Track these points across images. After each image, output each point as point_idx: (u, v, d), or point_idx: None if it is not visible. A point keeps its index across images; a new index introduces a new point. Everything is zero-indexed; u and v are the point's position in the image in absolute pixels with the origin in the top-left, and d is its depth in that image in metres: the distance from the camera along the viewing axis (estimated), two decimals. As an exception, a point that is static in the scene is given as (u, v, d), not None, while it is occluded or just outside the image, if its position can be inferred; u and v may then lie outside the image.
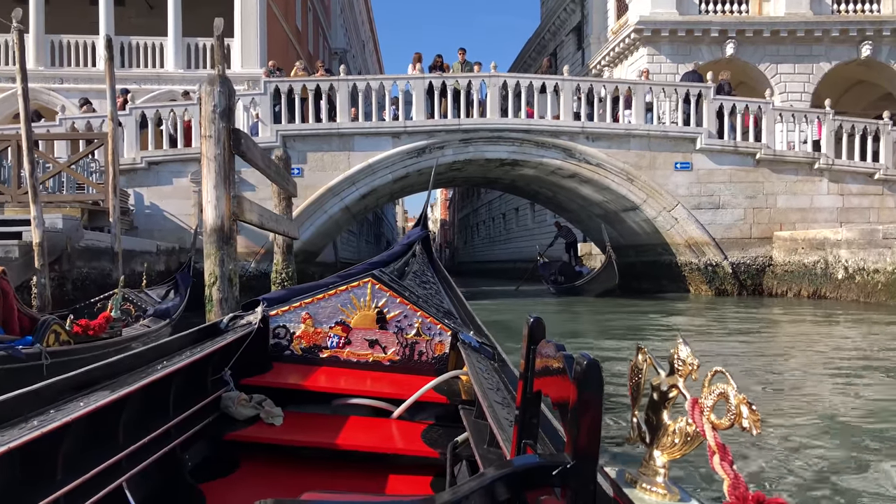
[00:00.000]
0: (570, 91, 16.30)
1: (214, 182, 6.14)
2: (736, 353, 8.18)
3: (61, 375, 1.94)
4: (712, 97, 16.39)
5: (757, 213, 16.48)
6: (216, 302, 6.19)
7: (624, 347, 8.30)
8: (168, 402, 2.37)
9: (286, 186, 8.95)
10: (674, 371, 1.11)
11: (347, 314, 3.16)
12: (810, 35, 22.10)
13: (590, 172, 16.36)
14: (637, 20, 22.07)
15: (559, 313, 14.09)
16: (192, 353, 2.54)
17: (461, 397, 2.70)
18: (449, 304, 3.94)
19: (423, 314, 3.16)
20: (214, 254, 6.19)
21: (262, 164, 7.06)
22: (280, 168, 8.59)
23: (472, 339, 2.89)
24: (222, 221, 6.15)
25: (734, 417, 0.97)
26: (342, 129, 15.80)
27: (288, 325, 3.15)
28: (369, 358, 3.15)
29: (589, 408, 1.10)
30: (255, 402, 2.70)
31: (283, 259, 9.80)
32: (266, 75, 16.22)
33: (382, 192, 17.58)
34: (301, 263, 17.31)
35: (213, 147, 6.14)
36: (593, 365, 1.09)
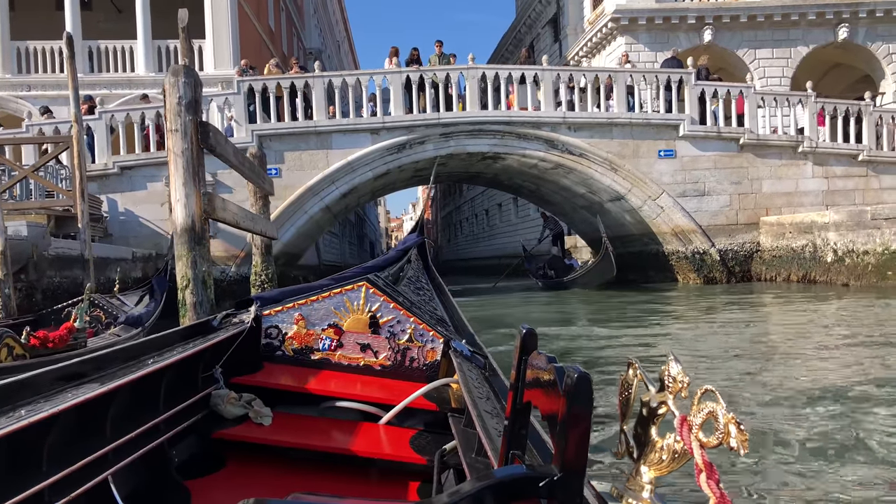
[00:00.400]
0: (550, 81, 15.99)
1: (183, 179, 5.75)
2: (730, 345, 7.91)
3: (51, 366, 1.92)
4: (693, 83, 16.16)
5: (743, 198, 16.26)
6: (190, 306, 5.81)
7: (611, 349, 7.97)
8: (157, 398, 2.35)
9: (262, 184, 8.56)
10: (664, 388, 1.10)
11: (340, 317, 3.13)
12: (787, 19, 21.97)
13: (573, 163, 16.07)
14: (614, 9, 21.83)
15: (546, 307, 13.81)
16: (184, 350, 2.53)
17: (451, 405, 2.68)
18: (442, 311, 3.91)
19: (416, 320, 3.13)
20: (186, 255, 5.80)
21: (234, 159, 6.68)
22: (255, 165, 8.20)
23: (464, 348, 2.86)
24: (193, 220, 5.77)
25: (722, 436, 0.97)
26: (319, 126, 15.40)
27: (280, 326, 3.13)
28: (360, 362, 3.12)
29: (578, 421, 1.10)
30: (244, 402, 2.69)
31: (263, 261, 9.42)
32: (239, 74, 15.78)
33: (363, 191, 17.20)
34: (282, 266, 16.90)
35: (179, 141, 5.75)
36: (584, 378, 1.09)
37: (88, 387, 1.92)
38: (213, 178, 15.19)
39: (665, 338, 8.77)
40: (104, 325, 8.15)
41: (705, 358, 6.84)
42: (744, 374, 6.00)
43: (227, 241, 15.19)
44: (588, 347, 7.92)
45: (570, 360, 6.68)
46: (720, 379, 5.72)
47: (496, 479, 1.19)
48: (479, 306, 12.97)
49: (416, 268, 4.55)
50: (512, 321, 10.66)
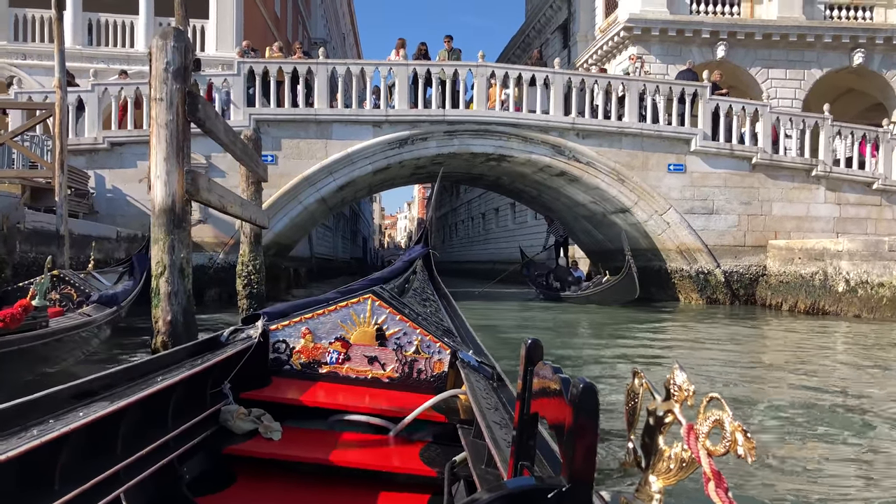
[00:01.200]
0: (560, 85, 15.38)
1: (165, 153, 5.10)
2: (736, 373, 7.30)
3: (62, 385, 1.94)
4: (708, 97, 15.58)
5: (751, 220, 15.69)
6: (164, 296, 5.15)
7: (613, 362, 7.38)
8: (167, 415, 2.34)
9: (255, 168, 7.90)
10: (670, 396, 1.09)
11: (347, 330, 3.12)
12: (803, 40, 21.43)
13: (579, 171, 15.46)
14: (627, 17, 21.25)
15: (539, 323, 13.20)
16: (192, 366, 2.52)
17: (459, 416, 2.67)
18: (448, 321, 3.89)
19: (422, 332, 3.11)
20: (163, 239, 5.15)
21: (225, 137, 6.02)
22: (248, 147, 7.54)
23: (472, 358, 2.86)
24: (173, 200, 5.11)
25: (729, 444, 0.96)
26: (320, 115, 14.73)
27: (288, 340, 3.11)
28: (368, 374, 3.11)
29: (585, 431, 1.11)
30: (253, 416, 2.68)
31: (251, 250, 8.74)
32: (240, 55, 15.09)
33: (361, 185, 16.53)
34: (273, 257, 16.22)
35: (164, 112, 5.09)
36: (589, 388, 1.10)
37: (99, 405, 1.92)
38: (207, 160, 14.51)
39: (666, 359, 8.25)
40: (76, 304, 7.48)
41: (706, 381, 6.31)
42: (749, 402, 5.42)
43: (216, 227, 14.51)
44: (584, 363, 7.31)
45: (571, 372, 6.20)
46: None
47: (506, 491, 1.22)
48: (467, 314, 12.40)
49: (421, 279, 4.55)
50: (508, 336, 10.04)
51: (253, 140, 8.53)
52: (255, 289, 8.67)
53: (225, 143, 6.06)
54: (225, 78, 14.72)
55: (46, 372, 5.50)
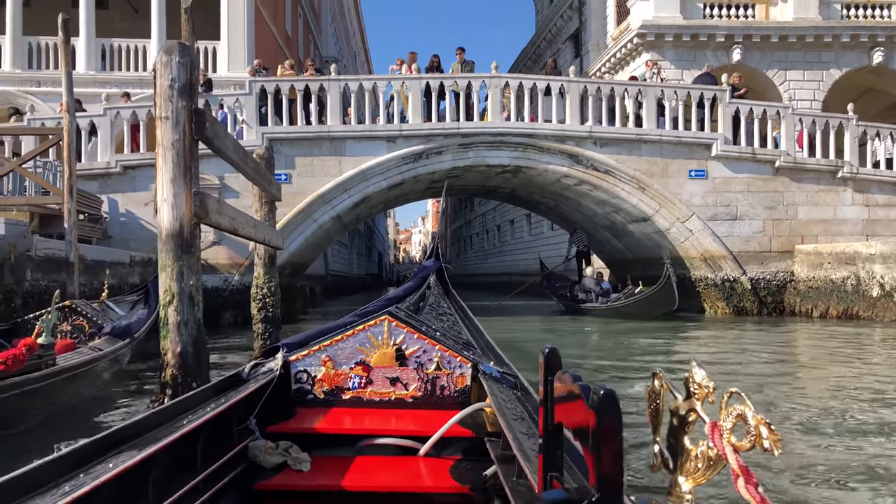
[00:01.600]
0: (576, 93, 15.03)
1: (172, 175, 4.79)
2: (772, 388, 6.87)
3: (90, 438, 1.95)
4: (728, 100, 15.18)
5: (777, 224, 15.23)
6: (173, 326, 4.83)
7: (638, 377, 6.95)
8: (196, 456, 2.33)
9: (268, 188, 7.59)
10: (690, 395, 1.09)
11: (367, 353, 3.11)
12: (820, 41, 20.99)
13: (598, 180, 15.08)
14: (640, 24, 20.91)
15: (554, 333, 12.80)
16: (217, 405, 2.51)
17: (486, 429, 2.66)
18: (467, 334, 3.83)
19: (441, 348, 3.09)
20: (171, 265, 4.83)
21: (235, 156, 5.71)
22: (260, 166, 7.23)
23: (493, 370, 2.84)
24: (181, 224, 4.80)
25: (754, 438, 0.95)
26: (333, 132, 14.47)
27: (309, 370, 3.11)
28: (391, 396, 3.10)
29: (610, 438, 1.10)
30: (281, 450, 2.67)
31: (265, 272, 8.42)
32: (251, 74, 14.89)
33: (376, 200, 16.24)
34: (288, 276, 15.94)
35: (169, 131, 4.79)
36: (610, 395, 1.10)
37: (127, 454, 1.91)
38: (220, 181, 14.29)
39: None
40: (87, 336, 7.17)
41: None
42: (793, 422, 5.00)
43: (231, 248, 14.25)
44: (609, 378, 6.92)
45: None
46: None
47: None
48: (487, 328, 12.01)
49: (436, 293, 4.52)
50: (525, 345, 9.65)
51: (266, 158, 8.24)
52: (271, 312, 8.34)
53: (235, 162, 5.75)
54: (237, 98, 14.50)
55: (57, 410, 5.20)
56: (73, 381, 5.50)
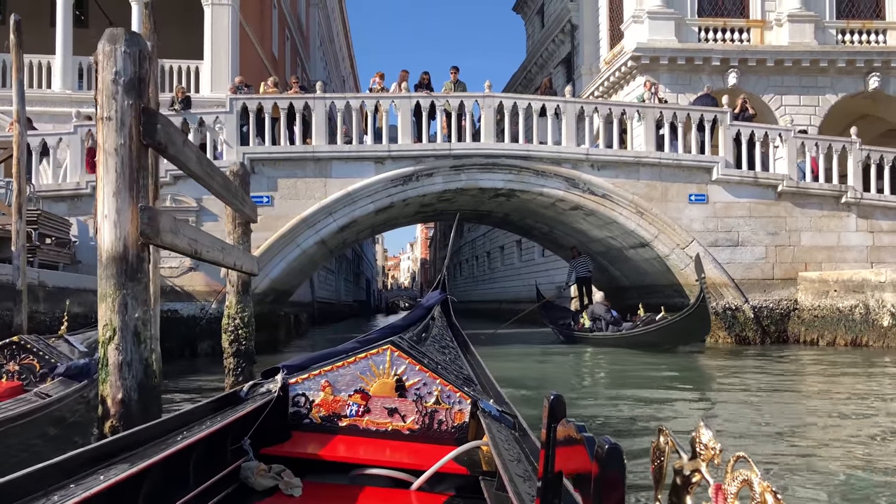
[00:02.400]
0: (572, 114, 14.40)
1: (115, 187, 4.01)
2: (781, 426, 6.11)
3: (83, 447, 1.93)
4: (729, 123, 14.58)
5: (780, 251, 14.56)
6: (113, 367, 4.01)
7: (638, 415, 6.21)
8: (188, 474, 2.29)
9: (241, 207, 6.80)
10: (696, 455, 1.07)
11: (367, 382, 3.05)
12: (816, 65, 20.54)
13: (595, 204, 14.39)
14: (634, 47, 20.40)
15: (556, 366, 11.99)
16: (212, 423, 2.48)
17: (482, 468, 2.59)
18: (469, 369, 3.78)
19: (442, 381, 3.02)
20: (112, 294, 4.03)
21: (197, 168, 4.92)
22: (231, 183, 6.45)
23: (493, 408, 2.76)
24: (125, 246, 4.00)
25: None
26: (318, 152, 13.73)
27: (307, 393, 3.05)
28: (388, 426, 3.01)
29: (611, 492, 1.08)
30: (273, 473, 2.61)
31: (238, 301, 7.58)
32: (232, 91, 14.15)
33: (363, 225, 15.46)
34: (270, 304, 15.10)
35: (113, 134, 4.01)
36: (615, 450, 1.09)
37: (118, 468, 1.90)
38: (198, 203, 13.48)
39: (699, 408, 7.18)
40: (38, 377, 6.24)
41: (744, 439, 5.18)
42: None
43: (209, 275, 13.43)
44: (607, 417, 6.13)
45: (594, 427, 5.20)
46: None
47: None
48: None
49: (440, 325, 4.45)
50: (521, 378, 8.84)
51: (240, 176, 7.46)
52: (244, 345, 7.49)
53: (198, 175, 4.96)
54: (216, 116, 13.75)
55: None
56: (10, 437, 4.63)
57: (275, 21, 26.30)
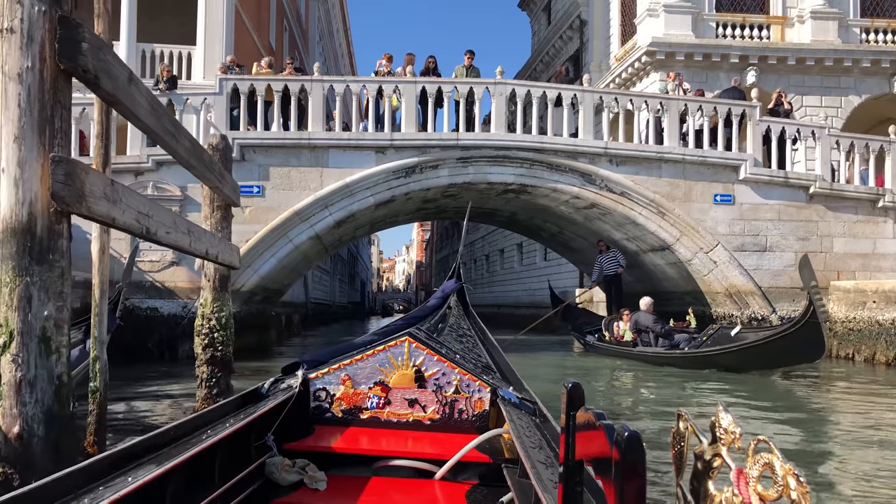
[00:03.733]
0: (590, 104, 13.20)
1: (17, 128, 2.77)
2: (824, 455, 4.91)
3: (108, 451, 1.95)
4: (758, 118, 13.39)
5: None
6: (9, 387, 2.77)
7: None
8: (213, 472, 2.29)
9: (217, 185, 5.56)
10: (716, 439, 1.06)
11: (386, 374, 3.07)
12: (839, 65, 19.38)
13: (612, 202, 13.18)
14: (649, 41, 19.21)
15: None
16: (236, 421, 2.46)
17: (504, 455, 2.58)
18: (487, 357, 3.80)
19: (461, 371, 3.02)
20: (10, 282, 2.79)
21: (151, 119, 3.67)
22: (205, 153, 5.19)
23: (513, 395, 2.77)
24: (29, 213, 2.77)
25: (781, 489, 0.90)
26: (314, 139, 12.48)
27: (328, 388, 3.06)
28: (409, 417, 3.02)
29: (632, 479, 1.07)
30: (298, 467, 2.62)
31: (214, 298, 6.33)
32: (223, 72, 12.89)
33: (362, 220, 14.21)
34: (260, 303, 13.84)
35: (17, 53, 2.78)
36: (634, 437, 1.07)
37: (146, 468, 1.90)
38: (182, 192, 12.23)
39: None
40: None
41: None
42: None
43: (192, 270, 12.15)
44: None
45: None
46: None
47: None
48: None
49: (456, 314, 4.45)
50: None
51: (220, 150, 6.22)
52: (220, 351, 6.24)
53: (152, 129, 3.72)
54: (205, 97, 12.50)
55: None
56: None
57: (273, 11, 25.07)
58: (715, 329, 10.77)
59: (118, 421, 6.16)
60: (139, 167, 12.10)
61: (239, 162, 12.35)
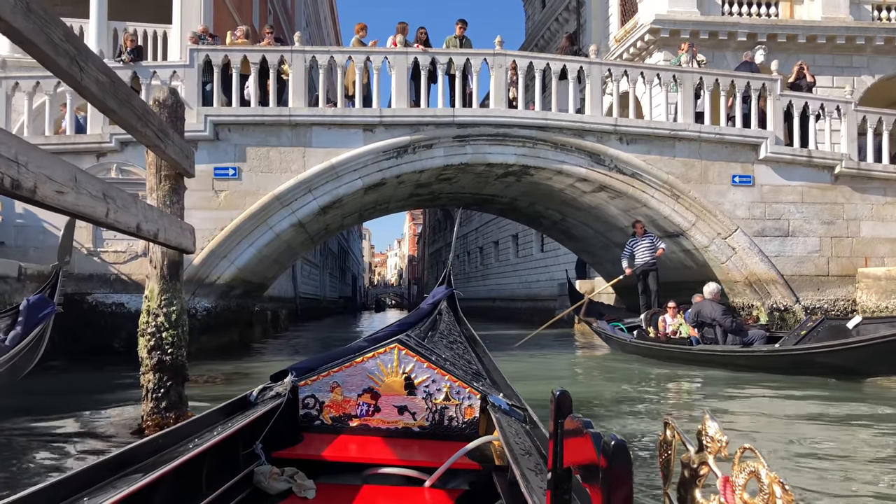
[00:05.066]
0: (598, 78, 12.01)
1: None
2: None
3: (96, 459, 1.90)
4: (779, 93, 12.23)
5: (836, 243, 12.23)
6: None
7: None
8: (201, 481, 2.25)
9: (159, 144, 4.31)
10: (703, 447, 1.06)
11: (375, 381, 3.01)
12: (851, 43, 18.27)
13: (622, 184, 11.99)
14: (653, 19, 18.02)
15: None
16: (224, 429, 2.43)
17: (494, 463, 2.58)
18: (477, 363, 3.77)
19: (451, 378, 2.98)
20: None
21: (25, 25, 2.43)
22: (138, 101, 3.93)
23: (503, 402, 2.75)
24: None
25: (767, 497, 0.90)
26: (296, 116, 11.23)
27: (317, 395, 3.02)
28: (399, 425, 2.99)
29: (620, 487, 1.07)
30: (287, 476, 2.58)
31: (162, 290, 5.07)
32: (193, 41, 11.60)
33: (350, 207, 12.96)
34: (240, 298, 12.61)
35: None
36: (621, 446, 1.07)
37: (133, 477, 1.86)
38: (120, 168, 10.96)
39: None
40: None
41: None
42: None
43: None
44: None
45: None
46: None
47: None
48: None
49: (447, 321, 4.41)
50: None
51: (168, 106, 4.97)
52: (171, 354, 4.98)
53: (27, 39, 2.49)
54: (174, 70, 11.23)
55: None
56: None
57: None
58: (816, 321, 8.55)
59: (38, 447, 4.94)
60: (101, 147, 10.83)
61: (213, 141, 11.12)
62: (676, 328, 10.48)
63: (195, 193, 11.00)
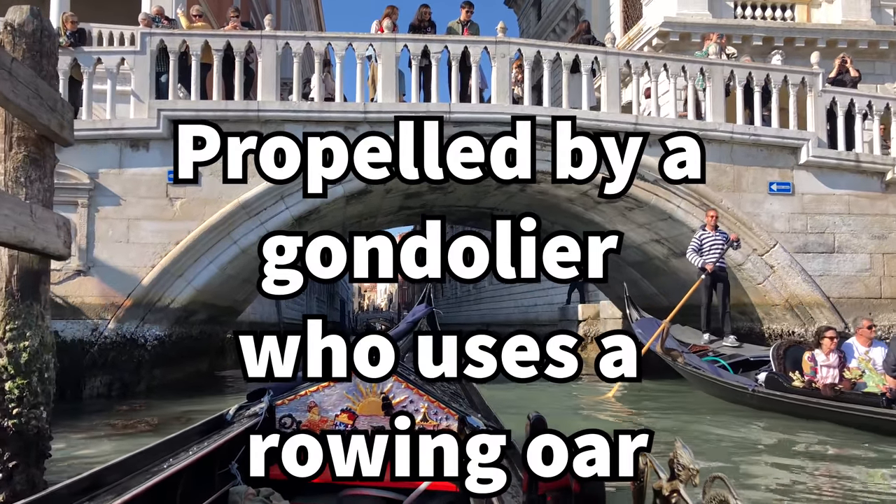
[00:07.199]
0: (615, 70, 10.36)
1: None
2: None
3: (68, 481, 1.82)
4: (821, 88, 10.60)
5: (889, 260, 10.53)
6: None
7: None
8: (175, 501, 2.16)
9: (10, 96, 2.50)
10: (675, 476, 1.04)
11: (353, 401, 2.98)
12: (874, 48, 16.80)
13: (645, 193, 10.28)
14: (661, 21, 16.49)
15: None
16: (199, 449, 2.38)
17: None
18: (455, 384, 3.74)
19: (428, 398, 2.95)
20: None
21: None
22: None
23: (479, 423, 2.75)
24: None
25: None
26: (265, 112, 9.47)
27: (294, 415, 2.97)
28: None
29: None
30: (262, 496, 2.52)
31: (14, 314, 3.23)
32: (145, 24, 9.85)
33: (330, 219, 11.16)
34: (205, 324, 10.77)
35: None
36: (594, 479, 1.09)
37: (103, 499, 1.80)
38: (92, 179, 9.16)
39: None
40: None
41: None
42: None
43: (106, 281, 9.12)
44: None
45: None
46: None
47: None
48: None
49: None
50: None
51: (27, 34, 3.21)
52: (17, 418, 3.14)
53: None
54: (122, 57, 9.46)
55: None
56: None
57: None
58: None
59: None
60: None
61: (167, 140, 9.34)
62: (858, 375, 6.65)
63: (145, 201, 9.25)
